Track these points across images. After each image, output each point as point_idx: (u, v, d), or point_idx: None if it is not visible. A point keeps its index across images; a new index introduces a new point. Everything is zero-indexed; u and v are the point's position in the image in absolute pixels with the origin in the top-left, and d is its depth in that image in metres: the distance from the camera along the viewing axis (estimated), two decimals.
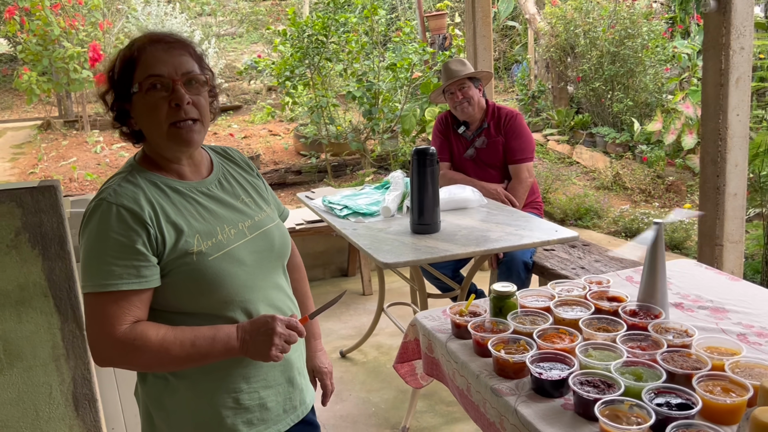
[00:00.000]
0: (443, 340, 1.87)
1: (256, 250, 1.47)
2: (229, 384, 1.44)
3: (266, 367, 1.48)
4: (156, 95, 1.36)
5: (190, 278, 1.36)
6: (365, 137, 6.54)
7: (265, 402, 1.48)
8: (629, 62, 7.34)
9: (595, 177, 6.99)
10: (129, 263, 1.31)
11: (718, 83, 2.81)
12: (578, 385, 1.47)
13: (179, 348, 1.33)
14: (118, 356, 1.34)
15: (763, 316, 1.90)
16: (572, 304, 1.89)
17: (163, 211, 1.37)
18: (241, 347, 1.37)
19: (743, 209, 2.96)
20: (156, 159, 1.44)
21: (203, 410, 1.44)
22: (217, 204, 1.47)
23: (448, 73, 3.60)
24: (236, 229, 1.45)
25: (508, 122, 3.60)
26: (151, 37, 1.39)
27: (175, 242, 1.36)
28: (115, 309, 1.31)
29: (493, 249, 2.69)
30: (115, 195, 1.34)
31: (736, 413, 1.39)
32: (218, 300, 1.40)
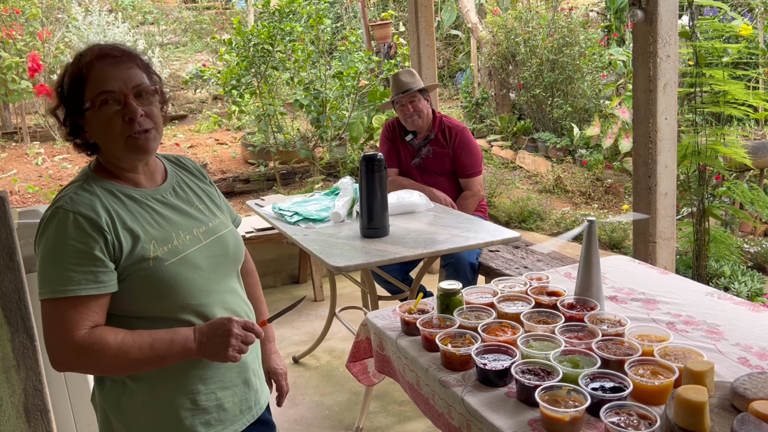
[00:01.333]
0: (393, 338, 1.94)
1: (211, 255, 1.52)
2: (187, 386, 1.47)
3: (223, 369, 1.52)
4: (109, 111, 1.39)
5: (147, 283, 1.40)
6: (314, 145, 6.58)
7: (222, 403, 1.52)
8: (568, 69, 7.60)
9: (538, 181, 7.20)
10: (87, 269, 1.34)
11: (648, 89, 2.98)
12: (520, 373, 1.56)
13: (138, 351, 1.36)
14: (77, 361, 1.36)
15: (690, 306, 2.04)
16: (514, 300, 2.00)
17: (119, 218, 1.40)
18: (198, 349, 1.40)
19: (673, 207, 3.14)
20: (111, 168, 1.48)
21: (162, 412, 1.47)
22: (172, 211, 1.51)
23: (399, 85, 3.67)
24: (191, 235, 1.50)
25: (457, 137, 3.71)
26: (98, 53, 1.41)
27: (131, 248, 1.39)
28: (73, 314, 1.33)
29: (440, 251, 2.78)
30: (72, 203, 1.37)
31: (663, 394, 1.50)
32: (175, 304, 1.43)
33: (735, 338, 1.82)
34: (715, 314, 1.97)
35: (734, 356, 1.72)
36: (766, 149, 4.86)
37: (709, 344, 1.79)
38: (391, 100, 3.75)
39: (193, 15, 11.22)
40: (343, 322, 3.63)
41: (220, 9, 12.17)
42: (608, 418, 1.38)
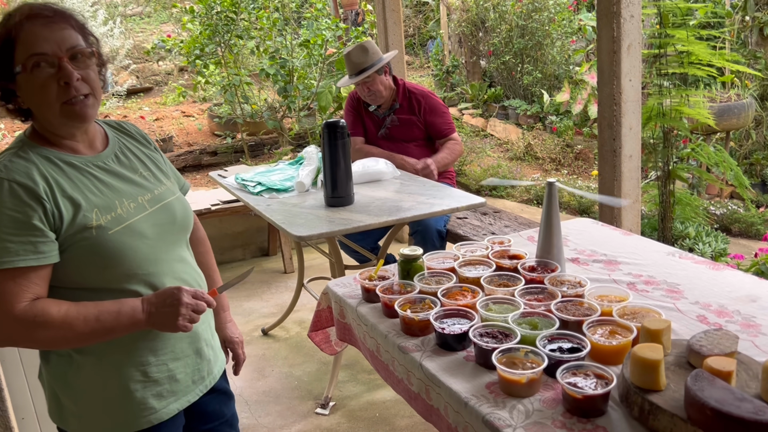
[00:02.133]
0: (354, 305, 1.91)
1: (158, 223, 1.47)
2: (137, 357, 1.44)
3: (174, 339, 1.49)
4: (42, 74, 1.32)
5: (91, 253, 1.35)
6: (282, 115, 6.48)
7: (174, 374, 1.49)
8: (537, 35, 7.56)
9: (509, 148, 7.20)
10: (25, 239, 1.28)
11: (612, 50, 2.95)
12: (478, 336, 1.55)
13: (83, 323, 1.31)
14: (19, 335, 1.31)
15: (651, 266, 2.04)
16: (476, 264, 1.97)
17: (58, 186, 1.34)
18: (147, 319, 1.37)
19: (638, 170, 3.13)
20: (47, 135, 1.41)
21: (111, 386, 1.43)
22: (115, 178, 1.45)
23: (351, 66, 3.55)
24: (136, 203, 1.45)
25: (424, 102, 3.64)
26: (28, 13, 1.33)
27: (72, 217, 1.34)
28: (12, 286, 1.28)
29: (405, 218, 2.75)
30: (6, 170, 1.30)
31: (621, 353, 1.49)
32: (121, 274, 1.39)
33: (694, 297, 1.82)
34: (675, 273, 1.97)
35: (693, 314, 1.72)
36: (732, 112, 4.89)
37: (668, 303, 1.78)
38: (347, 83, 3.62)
39: None
40: (311, 293, 3.60)
41: None
42: (565, 379, 1.37)
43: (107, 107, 7.61)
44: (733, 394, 1.19)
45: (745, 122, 5.04)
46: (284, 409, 2.97)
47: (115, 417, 1.44)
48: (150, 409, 1.45)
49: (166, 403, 1.48)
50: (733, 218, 4.69)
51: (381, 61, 3.52)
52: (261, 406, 3.00)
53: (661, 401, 1.27)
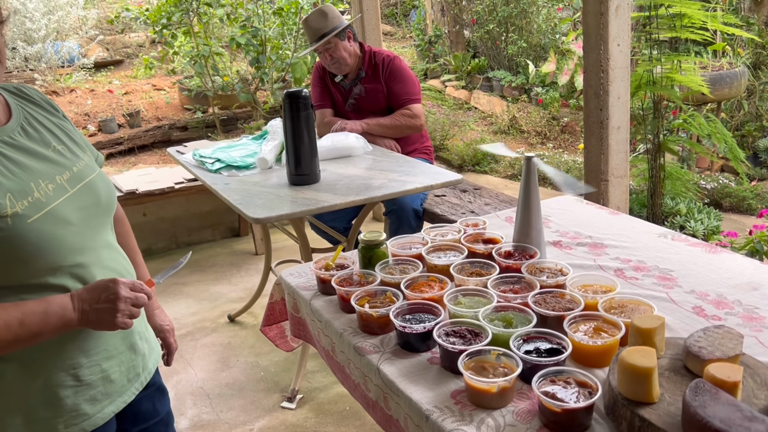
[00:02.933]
0: (308, 298, 1.70)
1: (82, 206, 1.27)
2: (66, 360, 1.25)
3: (106, 336, 1.31)
4: None
5: (8, 246, 1.14)
6: (255, 88, 6.18)
7: (108, 374, 1.31)
8: (522, 3, 7.28)
9: (493, 122, 6.96)
10: None
11: (598, 12, 2.72)
12: (443, 336, 1.34)
13: (4, 330, 1.12)
14: None
15: (641, 249, 1.84)
16: (446, 250, 1.76)
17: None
18: (80, 319, 1.19)
19: (627, 143, 2.92)
20: None
21: (37, 393, 1.23)
22: (26, 155, 1.23)
23: (309, 33, 3.27)
24: (54, 184, 1.23)
25: (387, 68, 3.36)
26: None
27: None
28: None
29: (375, 197, 2.53)
30: None
31: (607, 354, 1.30)
32: (43, 268, 1.19)
33: (689, 285, 1.62)
34: (668, 258, 1.77)
35: (689, 305, 1.52)
36: (724, 81, 4.67)
37: (661, 292, 1.58)
38: (307, 51, 3.35)
39: None
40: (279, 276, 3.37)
41: None
42: (541, 388, 1.16)
43: (73, 80, 7.28)
44: (741, 411, 0.99)
45: (738, 92, 4.83)
46: (248, 403, 2.77)
47: (40, 429, 1.24)
48: (83, 415, 1.27)
49: (100, 407, 1.30)
50: (724, 192, 4.50)
51: (342, 25, 3.25)
52: (223, 399, 2.80)
53: (654, 416, 1.07)
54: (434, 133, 6.23)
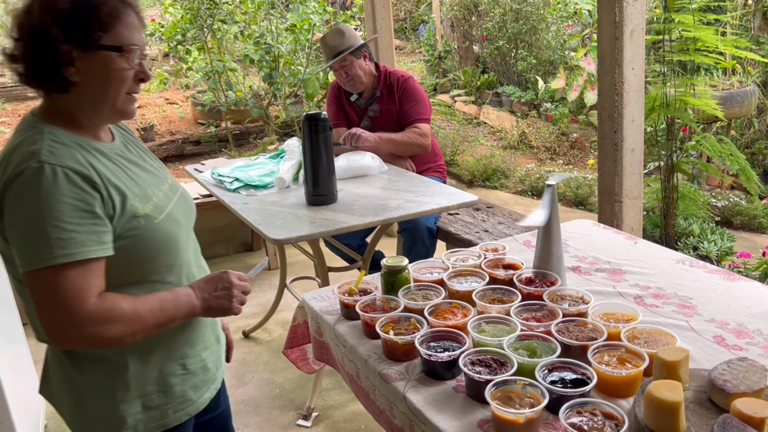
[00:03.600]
0: (332, 323, 1.72)
1: (184, 211, 1.43)
2: (177, 351, 1.39)
3: (203, 329, 1.45)
4: (130, 63, 1.26)
5: (142, 243, 1.27)
6: (267, 103, 6.24)
7: (205, 363, 1.45)
8: (532, 19, 7.33)
9: (502, 137, 6.99)
10: (89, 229, 1.18)
11: (613, 36, 2.75)
12: (469, 365, 1.36)
13: (150, 314, 1.25)
14: (91, 333, 1.18)
15: (659, 276, 1.86)
16: (467, 275, 1.79)
17: (103, 174, 1.23)
18: (202, 306, 1.34)
19: (641, 164, 2.94)
20: (76, 118, 1.27)
21: (153, 382, 1.35)
22: (136, 167, 1.36)
23: (326, 50, 3.32)
24: (161, 192, 1.38)
25: (401, 87, 3.41)
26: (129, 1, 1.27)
27: (122, 206, 1.24)
28: (81, 281, 1.16)
29: (392, 218, 2.56)
30: (54, 156, 1.17)
31: (632, 385, 1.32)
32: (164, 264, 1.33)
33: (709, 313, 1.64)
34: (687, 285, 1.79)
35: (709, 335, 1.54)
36: (734, 100, 4.70)
37: (681, 321, 1.60)
38: (324, 68, 3.41)
39: None
40: (293, 294, 3.40)
41: None
42: (568, 420, 1.18)
43: None
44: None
45: (748, 110, 4.85)
46: (264, 421, 2.79)
47: (155, 415, 1.35)
48: (188, 401, 1.41)
49: (200, 393, 1.44)
50: (735, 210, 4.52)
51: (358, 44, 3.30)
52: (239, 416, 2.82)
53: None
54: (444, 148, 6.26)
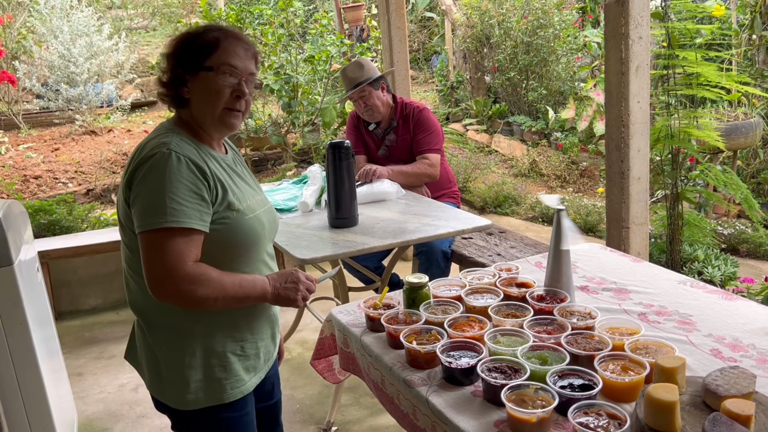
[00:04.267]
0: (358, 335, 1.87)
1: (269, 220, 1.70)
2: (238, 333, 1.63)
3: (264, 322, 1.69)
4: (224, 81, 1.56)
5: (230, 231, 1.55)
6: (286, 131, 6.45)
7: (259, 352, 1.69)
8: (542, 52, 7.53)
9: (513, 165, 7.15)
10: (196, 207, 1.48)
11: (620, 71, 2.92)
12: (486, 372, 1.50)
13: (231, 287, 1.51)
14: (185, 290, 1.45)
15: (662, 295, 1.99)
16: (482, 292, 1.93)
17: (212, 170, 1.55)
18: (272, 293, 1.59)
19: (647, 193, 3.09)
20: (195, 128, 1.61)
21: (214, 356, 1.59)
22: (239, 178, 1.67)
23: (346, 82, 3.52)
24: (255, 201, 1.67)
25: (415, 117, 3.59)
26: (233, 34, 1.60)
27: (222, 198, 1.54)
28: (183, 246, 1.46)
29: (410, 240, 2.71)
30: (180, 148, 1.50)
31: (634, 390, 1.45)
32: (242, 255, 1.59)
33: (707, 329, 1.77)
34: (687, 303, 1.93)
35: (706, 348, 1.67)
36: (739, 131, 4.85)
37: (681, 335, 1.74)
38: (343, 98, 3.61)
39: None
40: (313, 313, 3.55)
41: None
42: (576, 419, 1.32)
43: (111, 121, 7.61)
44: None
45: (753, 141, 4.99)
46: None
47: (214, 386, 1.59)
48: (241, 380, 1.63)
49: (250, 376, 1.66)
50: (740, 238, 4.63)
51: (376, 76, 3.49)
52: None
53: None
54: (457, 175, 6.43)
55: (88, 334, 4.11)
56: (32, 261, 2.62)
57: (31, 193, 6.07)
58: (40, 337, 2.44)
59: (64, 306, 4.42)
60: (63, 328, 4.17)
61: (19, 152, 7.00)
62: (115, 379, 3.52)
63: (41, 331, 2.51)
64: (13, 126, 7.66)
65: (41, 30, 7.43)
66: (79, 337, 4.07)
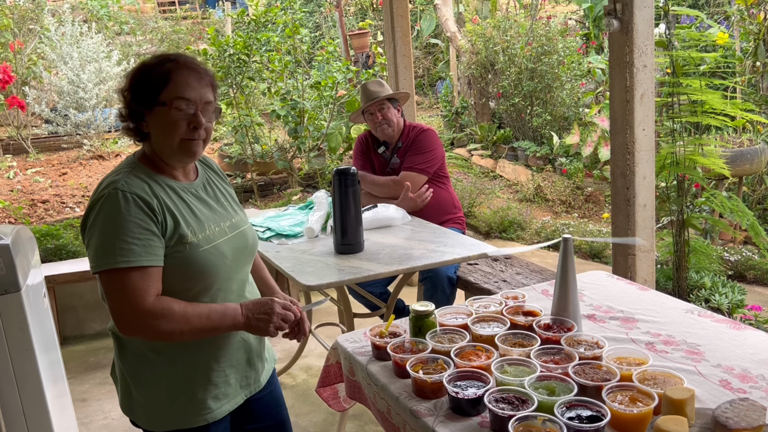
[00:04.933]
0: (364, 363, 1.86)
1: (235, 246, 1.69)
2: (202, 363, 1.64)
3: (233, 350, 1.69)
4: (179, 114, 1.57)
5: (183, 264, 1.56)
6: (292, 156, 6.49)
7: (228, 379, 1.69)
8: (546, 78, 7.59)
9: (518, 190, 7.17)
10: (147, 243, 1.50)
11: (624, 99, 2.94)
12: (493, 402, 1.49)
13: (197, 319, 1.53)
14: (147, 325, 1.50)
15: (669, 324, 1.98)
16: (489, 321, 1.93)
17: (165, 204, 1.57)
18: (245, 323, 1.59)
19: (653, 219, 3.09)
20: (156, 160, 1.64)
21: (178, 385, 1.63)
22: (203, 204, 1.68)
23: (367, 94, 3.60)
24: (219, 228, 1.67)
25: (416, 137, 3.63)
26: (185, 63, 1.60)
27: (173, 231, 1.56)
28: (141, 283, 1.49)
29: (415, 267, 2.71)
30: (128, 185, 1.53)
31: (643, 422, 1.44)
32: (200, 286, 1.60)
33: (716, 359, 1.76)
34: (695, 333, 1.92)
35: (715, 379, 1.66)
36: (745, 158, 4.85)
37: (689, 366, 1.73)
38: (361, 110, 3.67)
39: (170, 25, 11.10)
40: (318, 340, 3.54)
41: (198, 19, 12.06)
42: None
43: (119, 146, 7.67)
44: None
45: (758, 168, 5.00)
46: None
47: (178, 412, 1.64)
48: (207, 408, 1.65)
49: (220, 404, 1.68)
50: (747, 265, 4.61)
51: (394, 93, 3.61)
52: None
53: None
54: (462, 200, 6.44)
55: (92, 359, 4.10)
56: (39, 286, 2.62)
57: (39, 218, 6.10)
58: (46, 362, 2.44)
59: (69, 330, 4.42)
60: (68, 352, 4.16)
61: (27, 176, 7.05)
62: (119, 405, 3.50)
63: (47, 356, 2.51)
64: (22, 150, 7.74)
65: (51, 56, 7.53)
66: (83, 362, 4.06)
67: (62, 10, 8.27)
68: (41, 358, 2.34)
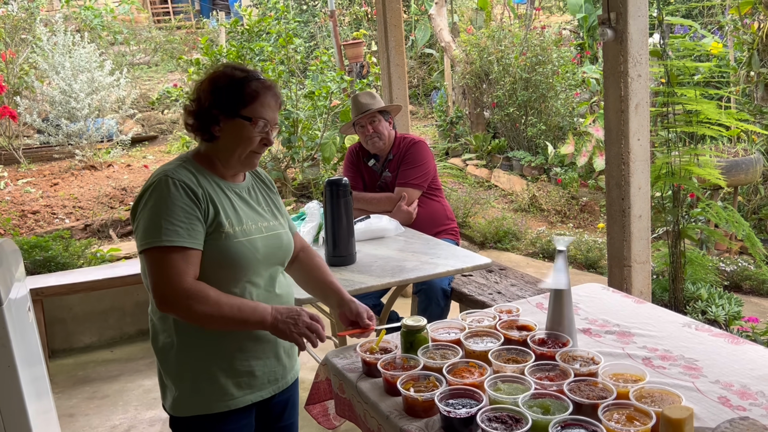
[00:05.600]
0: (353, 380, 1.81)
1: (268, 245, 1.78)
2: (227, 351, 1.71)
3: (258, 342, 1.75)
4: (256, 131, 1.72)
5: (217, 252, 1.66)
6: (285, 166, 6.45)
7: (253, 370, 1.75)
8: (541, 88, 7.58)
9: (513, 200, 7.14)
10: (191, 227, 1.62)
11: (619, 109, 2.91)
12: (486, 422, 1.45)
13: (228, 308, 1.61)
14: (183, 305, 1.58)
15: (666, 339, 1.94)
16: (482, 335, 1.88)
17: (208, 194, 1.70)
18: (271, 324, 1.66)
19: (648, 230, 3.05)
20: (211, 159, 1.77)
21: (201, 369, 1.70)
22: (244, 204, 1.80)
23: (358, 107, 3.56)
24: (256, 226, 1.77)
25: (408, 150, 3.58)
26: (269, 86, 1.75)
27: (213, 219, 1.68)
28: (182, 263, 1.59)
29: (408, 279, 2.67)
30: (177, 174, 1.67)
31: None
32: (230, 275, 1.69)
33: (714, 375, 1.72)
34: (692, 348, 1.87)
35: (714, 395, 1.61)
36: (740, 168, 4.83)
37: (687, 382, 1.68)
38: (351, 122, 3.63)
39: (164, 35, 11.07)
40: (310, 353, 3.48)
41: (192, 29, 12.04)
42: None
43: (111, 156, 7.61)
44: None
45: (753, 178, 4.98)
46: None
47: (201, 398, 1.70)
48: (230, 395, 1.72)
49: (243, 393, 1.74)
50: (743, 275, 4.58)
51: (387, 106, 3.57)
52: None
53: None
54: (456, 210, 6.40)
55: (81, 372, 4.03)
56: (23, 299, 2.57)
57: (29, 229, 6.04)
58: (29, 377, 2.38)
59: (58, 344, 4.35)
60: (56, 366, 4.09)
61: (18, 187, 6.99)
62: (107, 420, 3.44)
63: (30, 371, 2.45)
64: (13, 161, 7.67)
65: (43, 66, 7.49)
66: (72, 376, 3.99)
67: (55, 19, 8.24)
68: (24, 374, 2.28)
